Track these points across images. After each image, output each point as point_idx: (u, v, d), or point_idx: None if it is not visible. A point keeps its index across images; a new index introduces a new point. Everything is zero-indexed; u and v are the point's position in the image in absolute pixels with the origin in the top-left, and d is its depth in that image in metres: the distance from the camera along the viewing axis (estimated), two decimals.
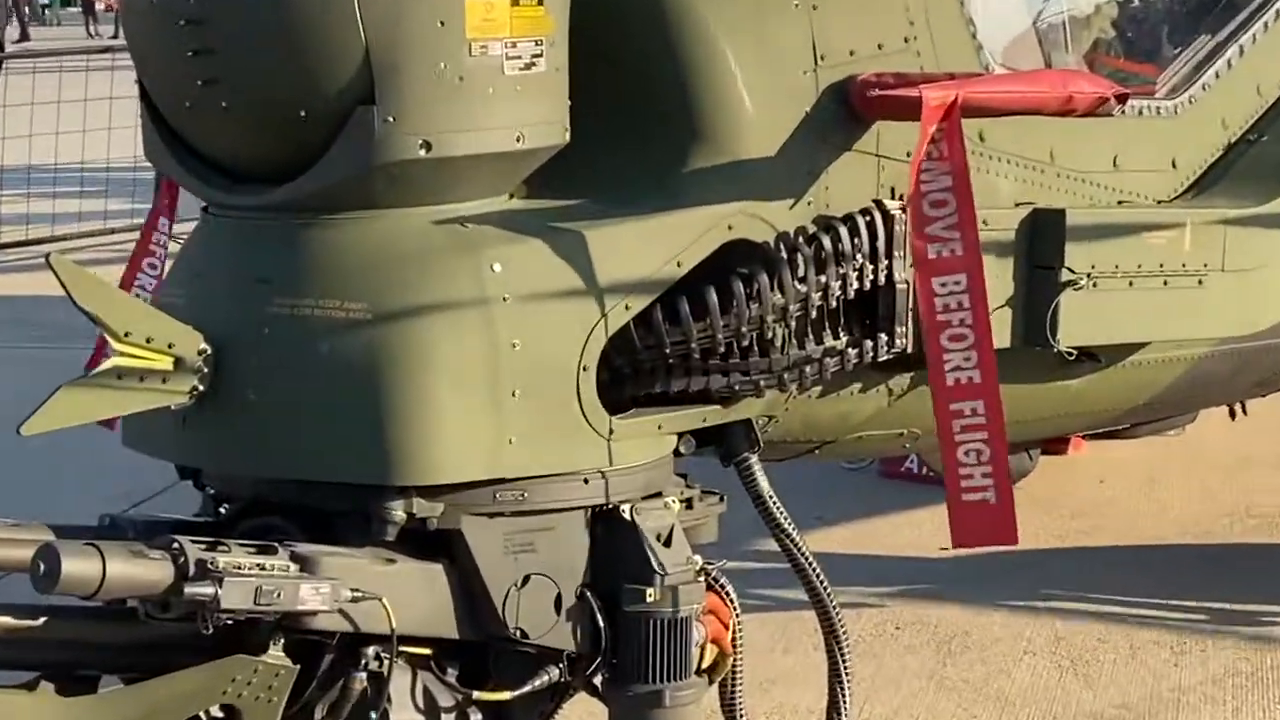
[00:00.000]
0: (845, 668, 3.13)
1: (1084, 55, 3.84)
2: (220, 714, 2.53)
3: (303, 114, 2.56)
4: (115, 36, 14.69)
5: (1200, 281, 3.58)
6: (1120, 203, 3.61)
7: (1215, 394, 4.90)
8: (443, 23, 2.55)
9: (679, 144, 2.97)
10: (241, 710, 2.49)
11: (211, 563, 2.29)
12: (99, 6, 34.42)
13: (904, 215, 3.01)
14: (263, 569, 2.37)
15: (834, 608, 3.11)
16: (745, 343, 2.90)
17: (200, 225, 2.97)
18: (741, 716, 3.11)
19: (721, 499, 3.11)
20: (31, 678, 2.47)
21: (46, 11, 37.75)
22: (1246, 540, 5.74)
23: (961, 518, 3.01)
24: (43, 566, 2.19)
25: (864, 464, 5.98)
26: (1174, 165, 3.75)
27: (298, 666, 2.53)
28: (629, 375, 2.87)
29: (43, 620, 2.42)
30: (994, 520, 2.98)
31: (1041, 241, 3.34)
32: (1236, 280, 3.68)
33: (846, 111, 3.03)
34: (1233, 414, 5.90)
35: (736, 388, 2.93)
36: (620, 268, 2.77)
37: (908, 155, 2.96)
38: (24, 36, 14.47)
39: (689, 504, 2.97)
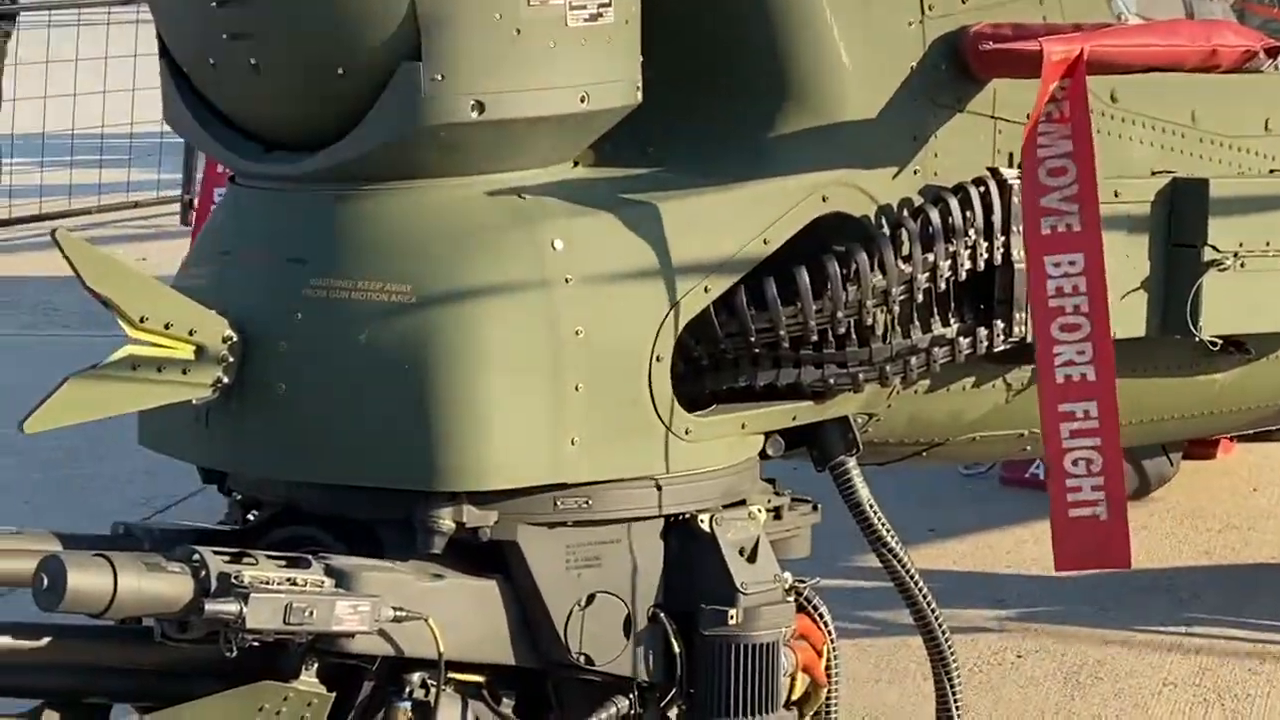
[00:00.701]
0: (957, 702, 3.05)
1: (1231, 3, 3.76)
2: None
3: (340, 71, 2.45)
4: None
5: None
6: (1272, 171, 3.48)
7: None
8: None
9: (766, 104, 2.85)
10: None
11: (236, 577, 2.19)
12: None
13: (1020, 186, 2.89)
14: (294, 584, 2.27)
15: (944, 633, 3.02)
16: (841, 330, 2.78)
17: (226, 197, 2.91)
18: None
19: (816, 508, 2.97)
20: (34, 705, 2.42)
21: None
22: None
23: (1066, 536, 2.92)
24: (46, 580, 2.10)
25: (982, 470, 5.80)
26: None
27: (333, 694, 2.45)
28: (708, 367, 2.77)
29: (47, 641, 2.32)
30: (1104, 539, 2.90)
31: (1182, 216, 3.22)
32: None
33: (958, 67, 2.93)
34: None
35: (832, 381, 2.80)
36: (699, 245, 2.66)
37: (1025, 117, 2.85)
38: None
39: (777, 513, 2.84)
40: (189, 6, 2.63)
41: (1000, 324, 2.94)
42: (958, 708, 3.08)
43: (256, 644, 2.24)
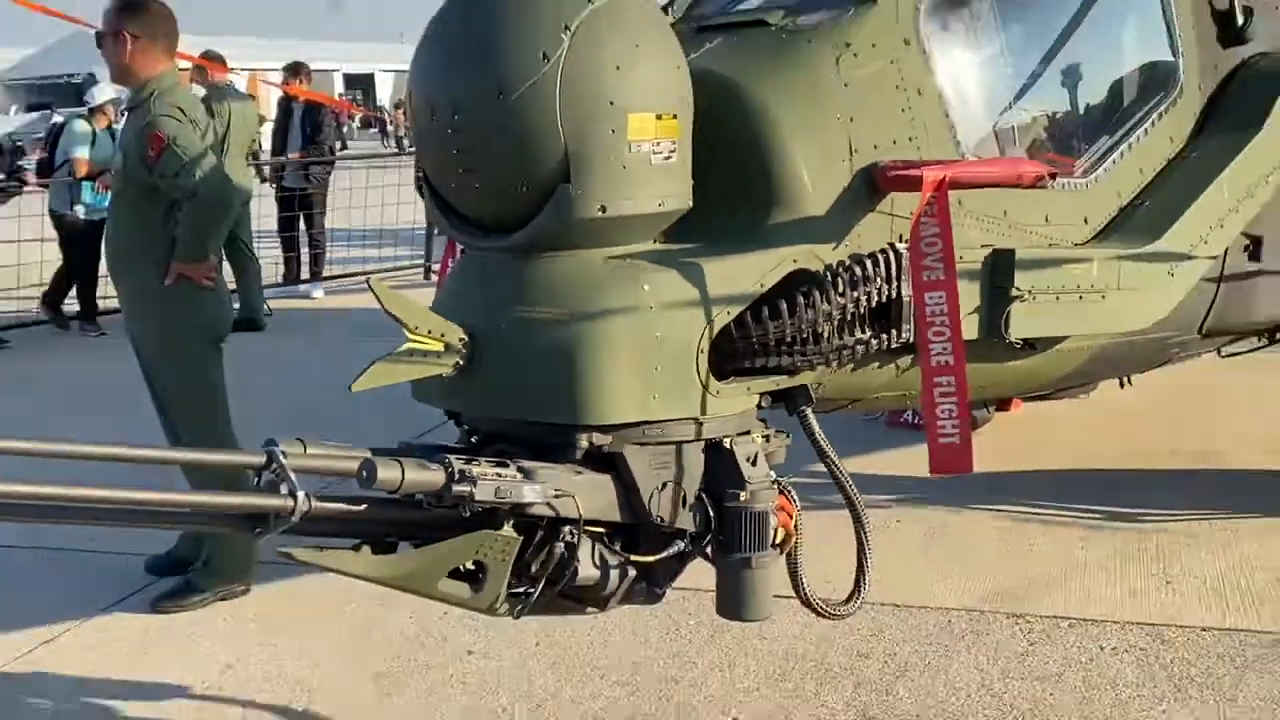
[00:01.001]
0: (867, 547, 3.39)
1: (1026, 149, 3.98)
2: (472, 567, 2.87)
3: (524, 188, 2.94)
4: (400, 147, 17.24)
5: (1102, 296, 3.80)
6: (1050, 245, 3.79)
7: (1110, 371, 5.26)
8: (613, 131, 2.92)
9: (763, 208, 3.29)
10: (486, 564, 2.87)
11: (468, 472, 2.71)
12: (389, 127, 40.85)
13: (907, 253, 3.27)
14: (500, 476, 2.77)
15: (861, 508, 3.35)
16: (804, 335, 3.16)
17: (461, 259, 3.37)
18: (801, 577, 3.30)
19: (787, 435, 3.39)
20: (355, 543, 2.85)
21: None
22: (1131, 467, 6.13)
23: (937, 453, 3.31)
24: (365, 474, 2.58)
25: (877, 416, 6.43)
26: (1085, 221, 3.93)
27: (520, 538, 2.87)
28: (728, 355, 3.14)
29: (364, 507, 2.77)
30: (959, 455, 3.30)
31: (998, 270, 3.57)
32: (1126, 296, 3.88)
33: (871, 186, 3.33)
34: (1122, 384, 6.36)
35: (798, 364, 3.20)
36: (723, 287, 3.09)
37: (910, 214, 3.26)
38: (343, 146, 15.96)
39: (767, 439, 3.27)
40: (440, 155, 3.09)
41: (894, 332, 3.31)
42: (868, 550, 3.38)
43: (480, 510, 2.73)
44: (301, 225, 13.15)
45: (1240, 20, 4.39)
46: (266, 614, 4.80)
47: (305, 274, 13.14)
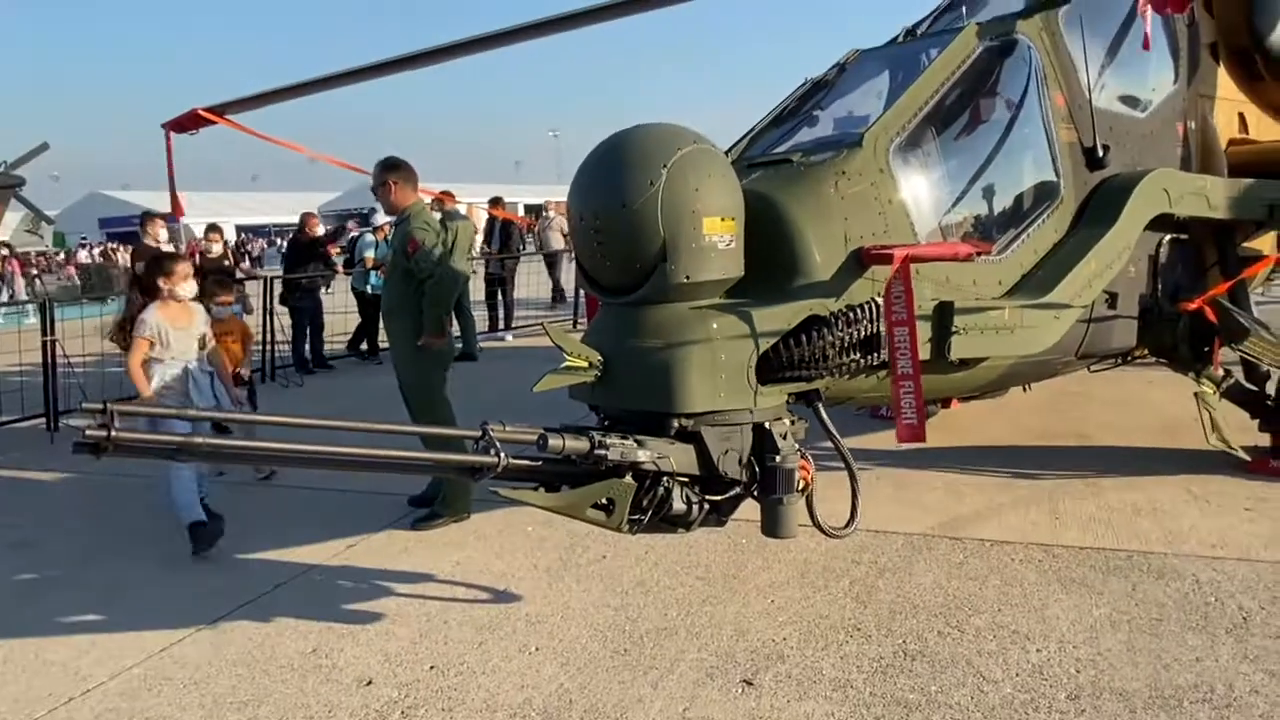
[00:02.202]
0: (858, 493, 3.40)
1: (961, 237, 3.85)
2: (606, 502, 2.91)
3: (639, 266, 2.99)
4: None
5: (1012, 331, 3.70)
6: (977, 299, 3.67)
7: (1018, 380, 5.06)
8: (694, 228, 2.95)
9: (789, 276, 3.26)
10: (615, 500, 2.90)
11: (604, 441, 2.81)
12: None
13: (882, 304, 3.21)
14: (623, 444, 2.85)
15: (854, 467, 3.36)
16: (816, 357, 3.14)
17: (599, 311, 3.37)
18: (815, 511, 3.29)
19: (805, 421, 3.32)
20: (535, 485, 2.93)
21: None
22: (1031, 444, 5.87)
23: (903, 430, 3.23)
24: (540, 443, 2.72)
25: (863, 410, 6.24)
26: (1000, 283, 3.82)
27: (636, 484, 2.92)
28: (768, 369, 3.11)
29: (540, 463, 2.83)
30: (917, 431, 3.22)
31: (943, 315, 3.49)
32: (1027, 332, 3.78)
33: (859, 262, 3.29)
34: (1025, 389, 6.14)
35: (813, 375, 3.17)
36: (764, 326, 3.10)
37: (884, 279, 3.23)
38: (523, 247, 15.67)
39: (793, 422, 3.22)
40: (587, 246, 3.12)
41: (875, 355, 3.23)
42: (857, 494, 3.39)
43: (611, 464, 2.81)
44: (499, 295, 13.39)
45: (1100, 154, 4.28)
46: (481, 530, 4.90)
47: (502, 325, 13.32)
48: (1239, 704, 2.84)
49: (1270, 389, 5.12)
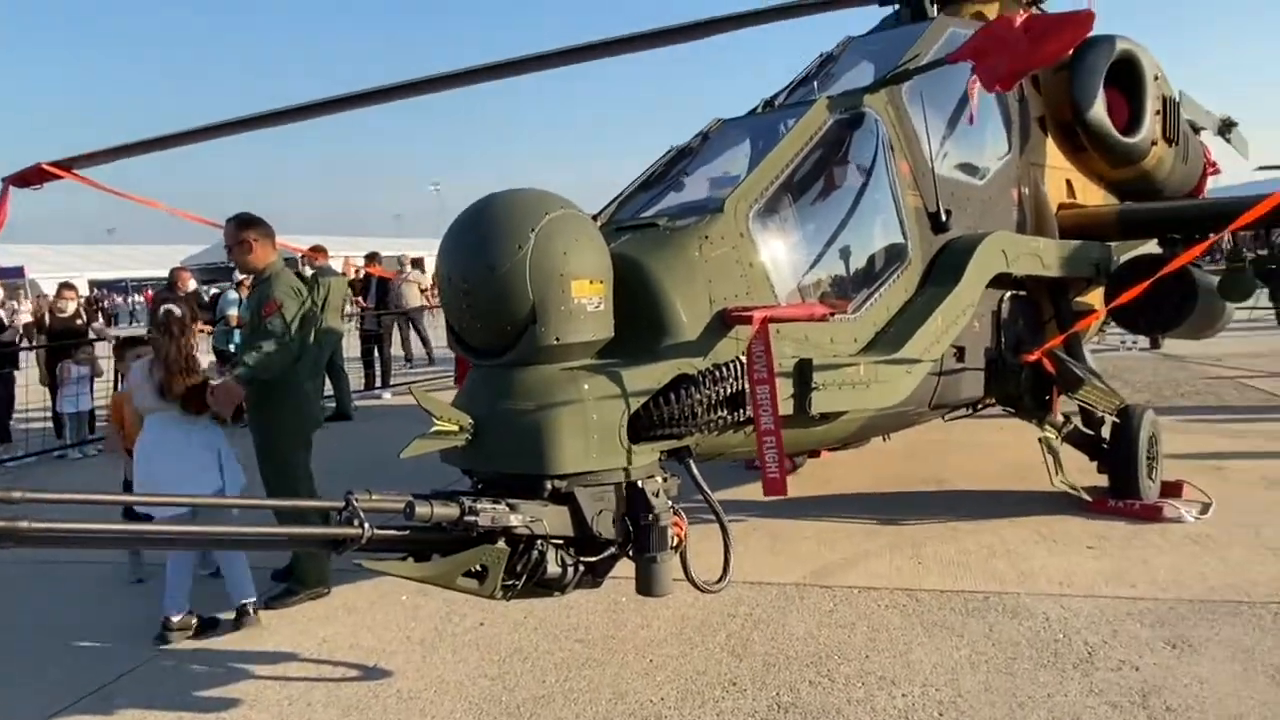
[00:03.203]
0: (730, 546, 3.37)
1: (818, 298, 3.91)
2: (479, 568, 2.80)
3: (509, 328, 2.95)
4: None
5: (868, 386, 3.79)
6: (836, 355, 3.75)
7: (877, 431, 5.03)
8: (563, 291, 2.93)
9: (658, 337, 3.26)
10: (487, 566, 2.80)
11: (474, 507, 2.70)
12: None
13: (746, 362, 3.24)
14: (495, 509, 2.75)
15: (725, 520, 3.33)
16: (686, 414, 3.13)
17: (470, 372, 3.25)
18: (689, 567, 3.23)
19: (676, 476, 3.29)
20: (403, 555, 2.77)
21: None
22: (894, 490, 5.96)
23: (767, 483, 3.24)
24: (407, 511, 2.57)
25: (737, 462, 6.23)
26: (855, 340, 3.91)
27: (509, 549, 2.81)
28: (640, 427, 3.08)
29: (407, 532, 2.68)
30: (780, 484, 3.23)
31: (803, 372, 3.54)
32: (882, 386, 3.88)
33: (723, 322, 3.32)
34: (885, 439, 6.27)
35: (682, 432, 3.16)
36: (635, 385, 3.08)
37: (746, 339, 3.26)
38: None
39: (665, 479, 3.18)
40: (456, 307, 3.06)
41: (741, 411, 3.23)
42: (728, 545, 3.35)
43: (483, 530, 2.71)
44: (376, 352, 13.11)
45: (943, 218, 4.53)
46: (351, 602, 4.69)
47: (379, 383, 13.02)
48: None
49: (1105, 433, 5.47)
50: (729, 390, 3.26)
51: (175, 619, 4.26)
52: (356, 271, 13.98)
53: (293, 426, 4.66)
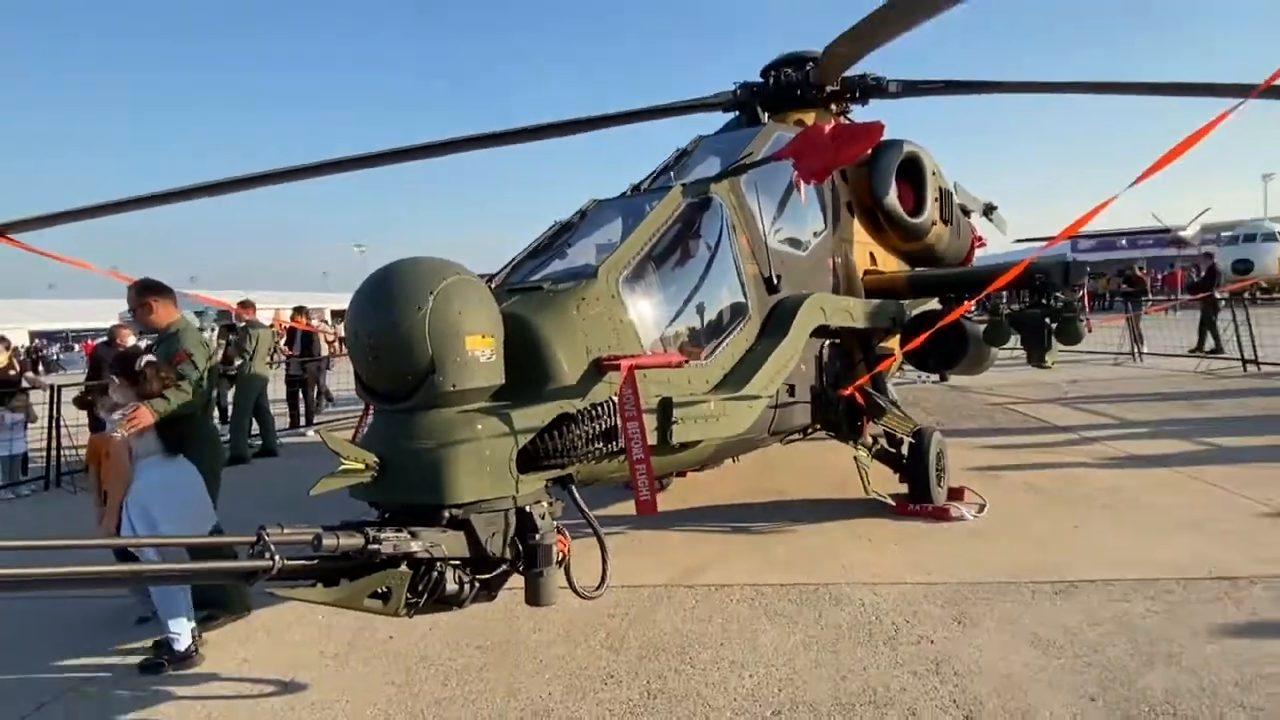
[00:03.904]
0: (607, 558, 3.23)
1: (677, 348, 3.87)
2: (383, 591, 2.64)
3: (410, 377, 2.83)
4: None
5: (718, 419, 3.78)
6: (692, 394, 3.74)
7: (728, 455, 4.87)
8: (459, 345, 2.84)
9: (543, 382, 3.18)
10: (391, 588, 2.65)
11: (378, 536, 2.57)
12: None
13: (617, 402, 3.18)
14: (397, 537, 2.62)
15: (602, 536, 3.20)
16: (568, 448, 3.06)
17: (375, 416, 3.06)
18: (572, 578, 3.12)
19: (560, 500, 3.19)
20: (313, 581, 2.57)
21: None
22: (745, 501, 5.90)
23: (639, 505, 3.16)
24: (315, 543, 2.44)
25: (616, 485, 6.27)
26: (708, 382, 3.90)
27: (411, 571, 2.67)
28: (528, 459, 2.99)
29: (315, 562, 2.52)
30: (651, 505, 3.15)
31: (664, 409, 3.51)
32: (729, 418, 3.85)
33: (599, 369, 3.28)
34: (735, 460, 6.41)
35: (565, 463, 3.08)
36: (523, 424, 2.98)
37: (617, 383, 3.21)
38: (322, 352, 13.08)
39: (550, 504, 3.08)
40: (363, 357, 2.91)
41: (615, 443, 3.17)
42: (606, 558, 3.22)
43: (386, 557, 2.58)
44: (300, 395, 12.43)
45: (775, 282, 4.65)
46: (270, 623, 4.36)
47: (304, 422, 12.32)
48: (893, 701, 3.08)
49: (904, 450, 5.70)
50: (604, 426, 3.22)
51: (180, 646, 3.80)
52: (281, 325, 13.27)
53: (205, 461, 4.31)
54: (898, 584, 4.25)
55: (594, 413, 3.22)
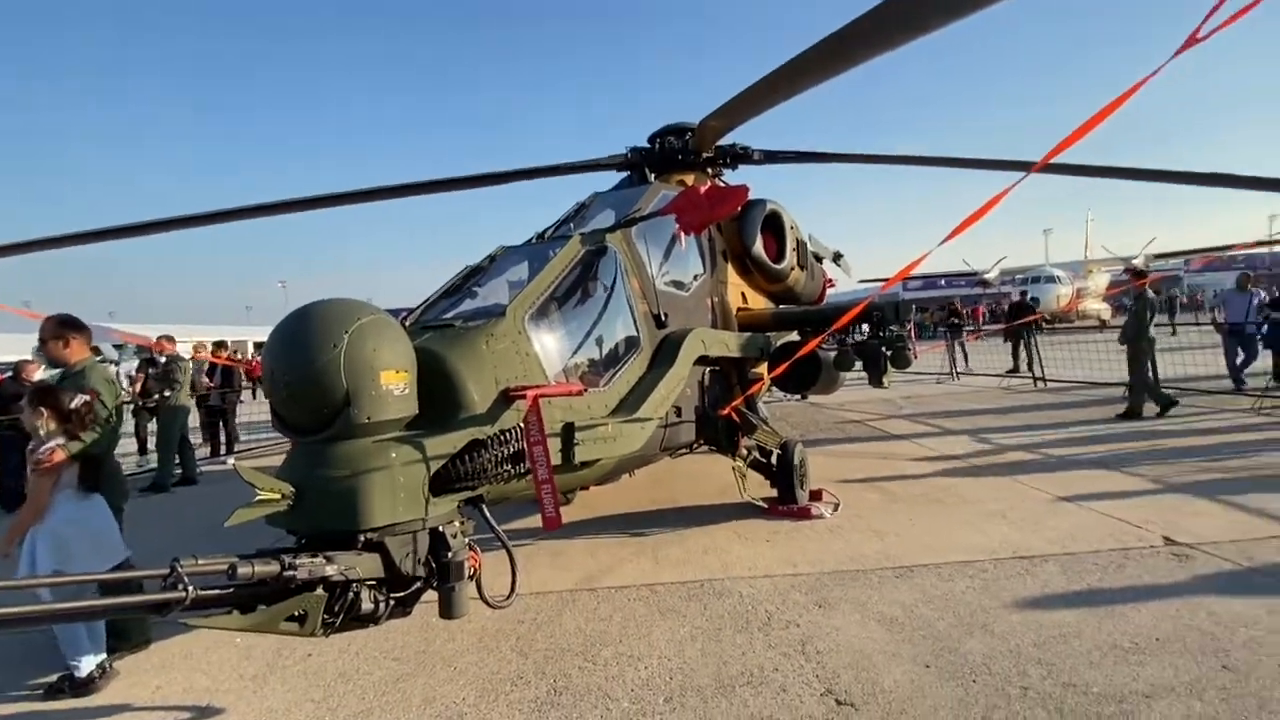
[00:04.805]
0: (515, 568, 3.17)
1: (578, 377, 3.84)
2: (299, 614, 2.50)
3: (326, 411, 2.71)
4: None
5: (615, 439, 3.72)
6: (592, 418, 3.67)
7: (626, 470, 4.58)
8: (373, 380, 2.74)
9: (455, 412, 3.11)
10: (307, 611, 2.51)
11: (293, 562, 2.44)
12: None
13: (524, 428, 3.13)
14: (312, 562, 2.49)
15: (511, 549, 3.16)
16: (478, 471, 3.01)
17: (292, 448, 2.91)
18: (484, 591, 3.06)
19: (472, 519, 3.11)
20: (228, 609, 2.43)
21: None
22: (641, 510, 5.75)
23: (545, 521, 3.15)
24: (230, 571, 2.30)
25: (525, 501, 6.17)
26: (606, 407, 3.85)
27: (326, 594, 2.56)
28: (442, 483, 2.93)
29: (230, 590, 2.38)
30: (555, 521, 3.14)
31: (567, 432, 3.47)
32: (625, 438, 3.81)
33: (506, 398, 3.22)
34: (631, 474, 6.12)
35: (476, 485, 3.02)
36: (436, 451, 2.92)
37: (524, 410, 3.19)
38: (244, 384, 11.66)
39: (462, 524, 3.02)
40: (278, 394, 2.70)
41: (522, 465, 3.14)
42: (515, 569, 3.15)
43: (303, 581, 2.46)
44: (221, 425, 11.45)
45: (663, 319, 4.70)
46: (188, 649, 3.95)
47: (224, 451, 11.36)
48: (767, 680, 3.11)
49: (773, 460, 5.82)
50: (512, 450, 3.17)
51: (81, 674, 3.38)
52: (201, 354, 12.24)
53: (113, 498, 3.89)
54: (770, 576, 4.30)
55: (503, 438, 3.16)
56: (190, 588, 2.19)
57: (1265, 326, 9.43)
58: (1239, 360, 9.79)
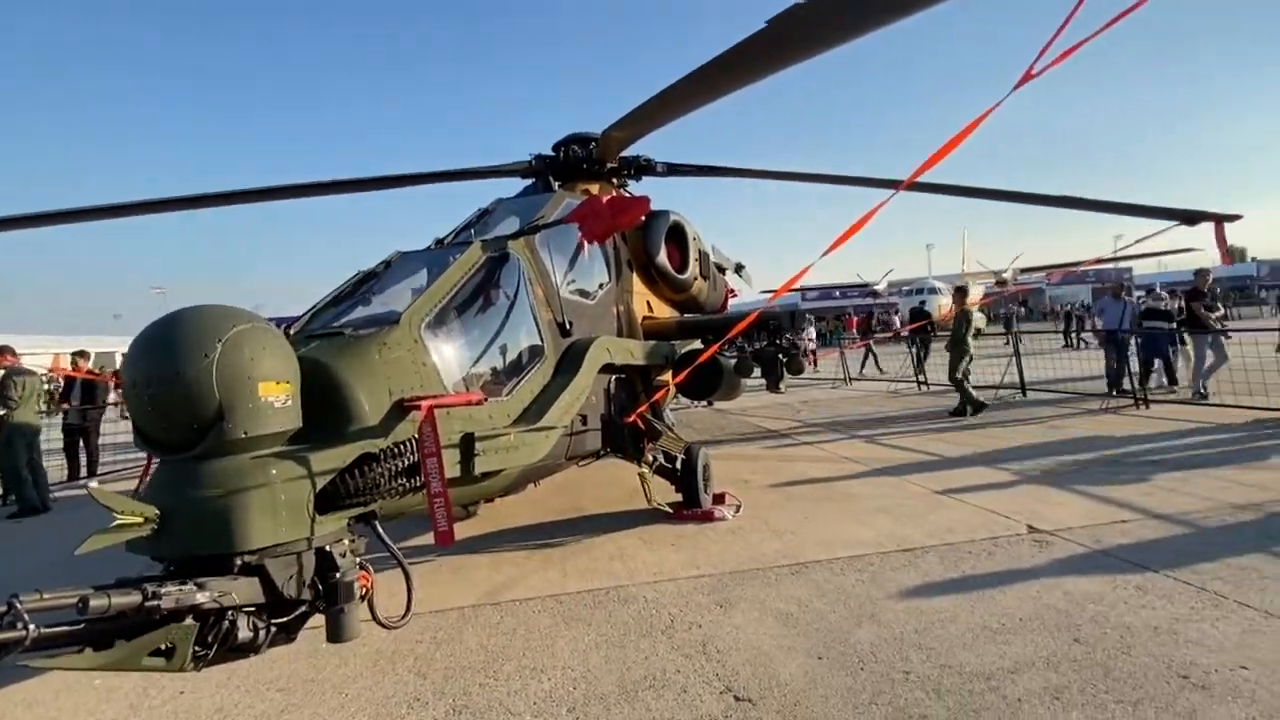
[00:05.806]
0: (412, 586, 3.04)
1: (480, 386, 3.75)
2: (166, 647, 2.34)
3: (195, 426, 2.53)
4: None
5: (518, 449, 3.58)
6: (494, 428, 3.64)
7: (530, 480, 4.70)
8: (250, 391, 2.57)
9: (344, 423, 2.98)
10: (175, 643, 2.35)
11: (158, 591, 2.26)
12: None
13: (419, 440, 3.06)
14: (180, 590, 2.32)
15: (406, 566, 3.02)
16: (370, 485, 2.92)
17: (157, 467, 2.71)
18: (376, 610, 2.93)
19: (364, 536, 3.02)
20: (79, 647, 2.24)
21: None
22: (547, 520, 5.71)
23: (438, 536, 3.02)
24: (80, 605, 2.09)
25: (422, 516, 6.02)
26: (509, 416, 3.81)
27: (198, 624, 2.40)
28: (330, 499, 2.83)
29: (82, 626, 2.20)
30: (448, 536, 3.02)
31: (466, 442, 3.43)
32: (528, 447, 3.79)
33: (401, 409, 3.12)
34: (535, 484, 6.14)
35: (368, 500, 2.94)
36: (322, 465, 2.78)
37: (419, 421, 3.08)
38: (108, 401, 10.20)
39: (353, 541, 2.90)
40: (140, 408, 2.52)
41: (416, 479, 3.01)
42: (414, 589, 3.03)
43: (169, 610, 2.28)
44: (82, 444, 10.34)
45: (568, 327, 4.70)
46: (35, 696, 3.52)
47: (84, 473, 10.25)
48: (669, 682, 3.14)
49: (678, 465, 5.91)
50: (407, 463, 3.07)
51: None
52: (59, 371, 11.02)
53: None
54: (674, 579, 4.34)
55: (396, 450, 3.05)
56: (31, 625, 1.98)
57: (1138, 340, 9.92)
58: (1132, 367, 10.01)
